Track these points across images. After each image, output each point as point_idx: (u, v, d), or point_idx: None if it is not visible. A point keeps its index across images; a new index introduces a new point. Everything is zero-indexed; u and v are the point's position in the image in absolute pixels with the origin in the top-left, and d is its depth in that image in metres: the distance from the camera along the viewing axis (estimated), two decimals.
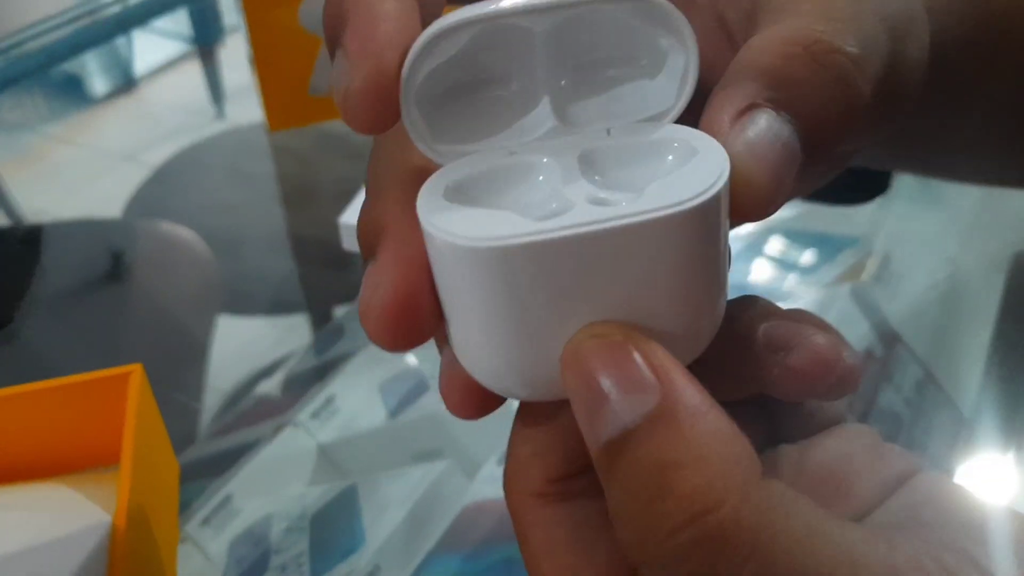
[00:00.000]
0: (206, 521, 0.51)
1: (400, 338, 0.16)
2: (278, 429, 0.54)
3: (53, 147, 1.58)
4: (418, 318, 0.16)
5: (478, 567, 0.38)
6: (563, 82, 0.18)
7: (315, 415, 0.55)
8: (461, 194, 0.17)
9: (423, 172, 0.17)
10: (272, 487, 0.53)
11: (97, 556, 0.20)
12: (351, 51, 0.16)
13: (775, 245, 0.46)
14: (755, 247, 0.46)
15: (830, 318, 0.39)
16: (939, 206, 0.49)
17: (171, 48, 1.65)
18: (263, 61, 0.62)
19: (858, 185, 0.37)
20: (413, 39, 0.16)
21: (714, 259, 0.16)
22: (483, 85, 0.18)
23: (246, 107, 1.52)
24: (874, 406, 0.37)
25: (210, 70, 1.43)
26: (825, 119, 0.17)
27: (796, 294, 0.42)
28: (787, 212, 0.44)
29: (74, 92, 1.63)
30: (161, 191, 0.86)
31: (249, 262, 0.83)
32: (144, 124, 1.62)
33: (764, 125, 0.16)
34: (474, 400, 0.18)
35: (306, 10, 0.59)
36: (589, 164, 0.17)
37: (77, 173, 1.54)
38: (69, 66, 1.30)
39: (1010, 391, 0.28)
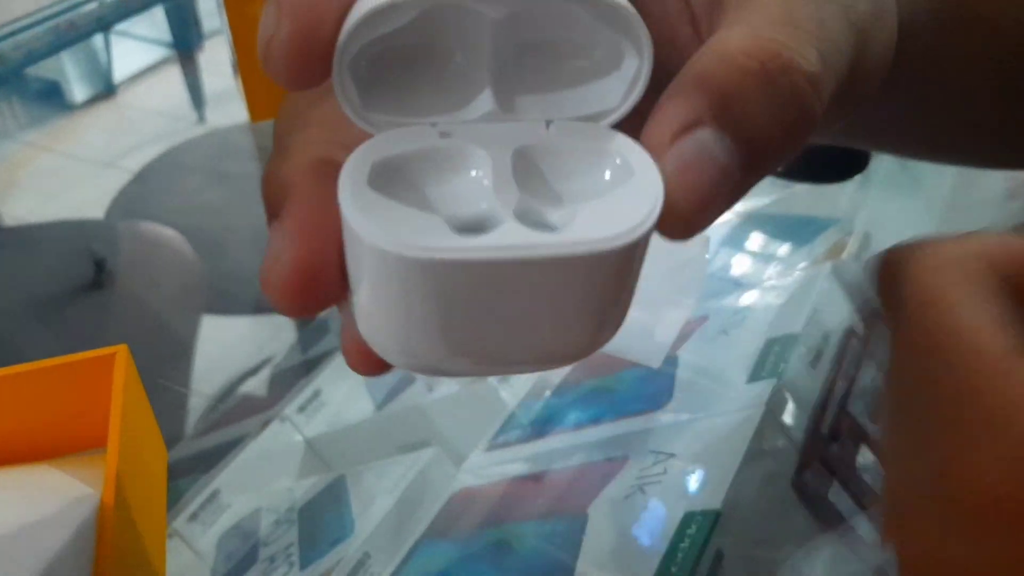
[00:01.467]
0: (194, 516, 0.51)
1: (302, 308, 0.16)
2: (265, 424, 0.54)
3: (33, 154, 1.57)
4: (321, 291, 0.16)
5: (467, 552, 0.38)
6: (509, 66, 0.17)
7: (302, 409, 0.55)
8: (387, 178, 0.16)
9: (334, 130, 0.17)
10: (260, 482, 0.53)
11: (85, 533, 0.20)
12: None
13: (756, 227, 0.46)
14: (737, 231, 0.47)
15: (812, 296, 0.39)
16: (917, 187, 0.49)
17: (150, 53, 1.64)
18: (244, 52, 0.62)
19: (837, 163, 0.37)
20: None
21: (632, 284, 0.16)
22: (423, 57, 0.17)
23: (227, 112, 1.52)
24: (856, 383, 0.38)
25: (190, 75, 1.42)
26: (770, 139, 0.16)
27: (778, 273, 0.43)
28: (767, 195, 0.44)
29: (53, 99, 1.62)
30: (143, 192, 0.86)
31: (232, 262, 0.83)
32: (124, 130, 1.61)
33: (702, 146, 0.16)
34: (373, 361, 0.17)
35: None
36: (524, 164, 0.16)
37: (57, 180, 1.53)
38: (48, 73, 1.29)
39: None
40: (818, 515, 0.34)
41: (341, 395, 0.56)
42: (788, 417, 0.35)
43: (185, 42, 1.45)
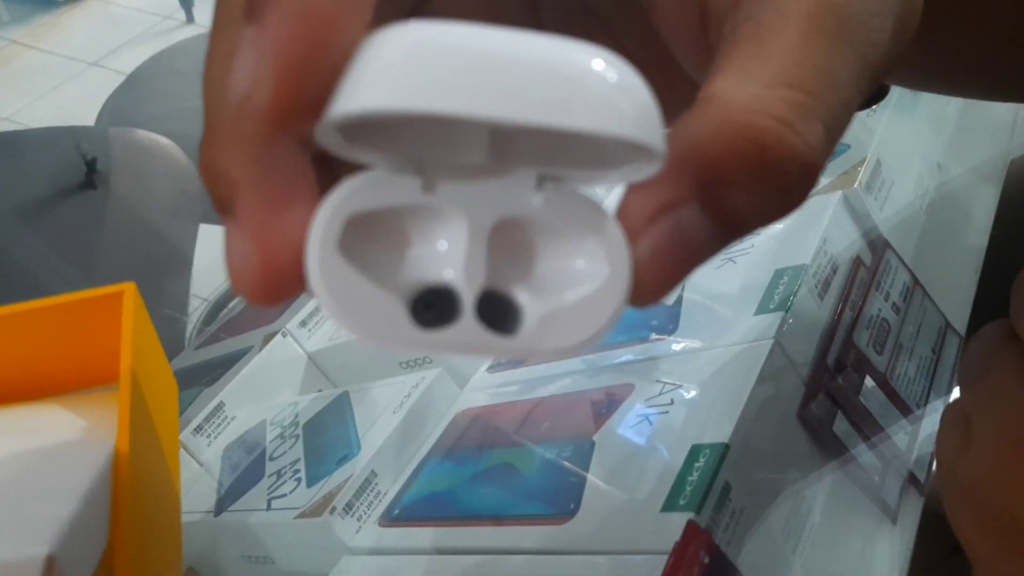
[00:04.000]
0: (199, 429, 0.51)
1: (271, 302, 0.15)
2: (267, 338, 0.55)
3: (17, 52, 1.53)
4: (287, 288, 0.15)
5: (472, 471, 0.38)
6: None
7: (304, 323, 0.55)
8: (362, 237, 0.15)
9: (276, 117, 0.15)
10: (263, 395, 0.53)
11: (102, 477, 0.20)
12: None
13: None
14: None
15: (822, 225, 0.39)
16: (928, 114, 0.49)
17: None
18: None
19: None
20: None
21: None
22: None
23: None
24: (862, 312, 0.38)
25: None
26: (753, 221, 0.16)
27: None
28: None
29: None
30: (134, 98, 0.84)
31: None
32: (110, 29, 1.57)
33: (681, 227, 0.15)
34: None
35: None
36: (503, 236, 0.16)
37: (42, 79, 1.50)
38: None
39: (995, 297, 0.29)
40: (823, 448, 0.35)
41: None
42: (794, 349, 0.35)
43: None
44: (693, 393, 0.34)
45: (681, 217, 0.15)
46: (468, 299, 0.15)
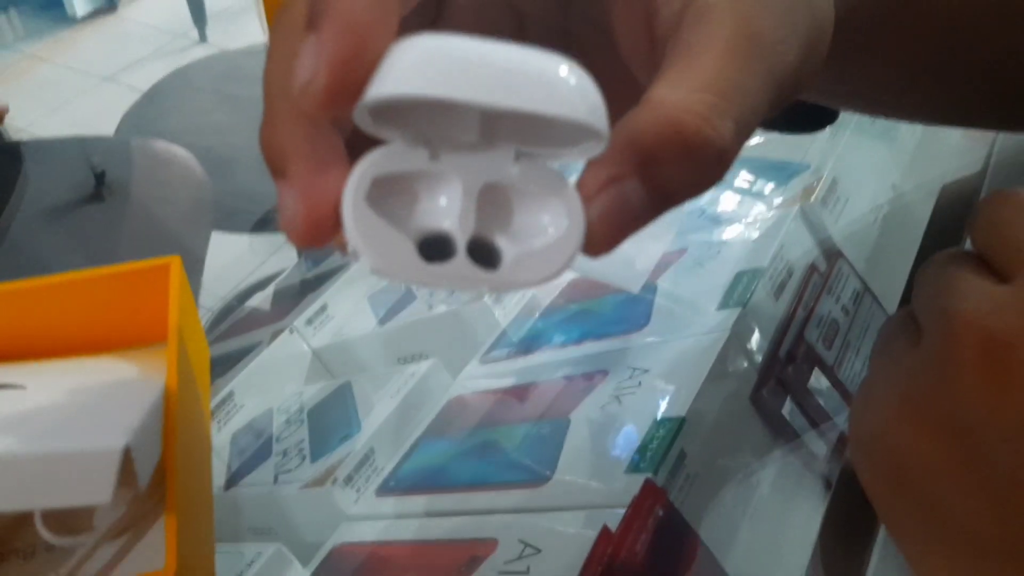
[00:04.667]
0: (210, 415, 0.55)
1: (314, 243, 0.20)
2: (276, 334, 0.59)
3: (32, 65, 1.58)
4: (327, 233, 0.20)
5: (460, 449, 0.42)
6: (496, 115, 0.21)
7: (310, 322, 0.59)
8: (382, 188, 0.20)
9: (328, 99, 0.19)
10: (271, 386, 0.58)
11: (156, 405, 0.25)
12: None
13: (734, 170, 0.50)
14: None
15: (780, 235, 0.44)
16: (886, 137, 0.53)
17: None
18: None
19: (808, 115, 0.41)
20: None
21: None
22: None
23: (227, 31, 1.53)
24: (814, 313, 0.42)
25: None
26: (679, 192, 0.20)
27: (751, 213, 0.47)
28: (748, 142, 0.48)
29: (54, 11, 1.62)
30: (153, 111, 0.89)
31: (238, 182, 0.86)
32: (124, 45, 1.62)
33: (623, 195, 0.20)
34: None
35: None
36: (489, 195, 0.21)
37: (57, 92, 1.54)
38: None
39: None
40: (773, 428, 0.39)
41: (346, 310, 0.60)
42: (751, 341, 0.40)
43: None
44: (658, 377, 0.38)
45: (624, 187, 0.20)
46: (461, 243, 0.20)
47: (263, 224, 0.87)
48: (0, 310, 0.29)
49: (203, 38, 1.47)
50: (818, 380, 0.42)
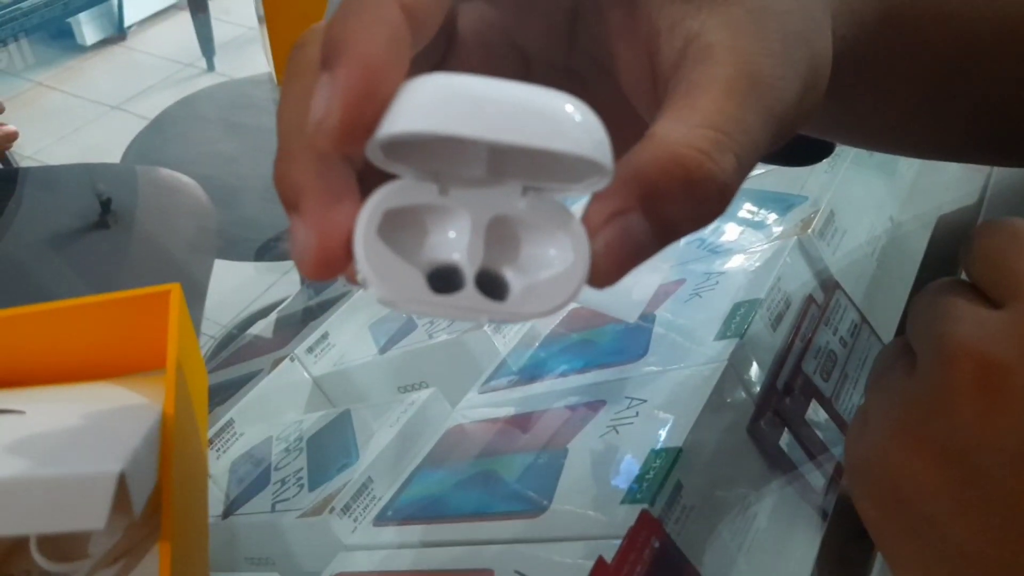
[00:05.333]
0: (209, 444, 0.56)
1: (325, 276, 0.20)
2: (277, 362, 0.59)
3: (42, 93, 1.59)
4: (339, 266, 0.20)
5: (458, 479, 0.42)
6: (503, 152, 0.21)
7: (310, 350, 0.60)
8: (394, 227, 0.20)
9: (341, 136, 0.20)
10: (271, 414, 0.58)
11: (153, 432, 0.25)
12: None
13: (736, 204, 0.51)
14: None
15: (778, 267, 0.44)
16: (884, 170, 0.54)
17: None
18: (273, 17, 0.66)
19: (805, 149, 0.41)
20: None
21: None
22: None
23: (234, 61, 1.54)
24: (811, 345, 0.42)
25: (200, 22, 1.44)
26: (681, 225, 0.21)
27: (749, 244, 0.47)
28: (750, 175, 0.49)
29: (64, 40, 1.64)
30: (160, 140, 0.89)
31: (242, 211, 0.87)
32: (133, 74, 1.64)
33: (628, 228, 0.20)
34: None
35: None
36: (497, 229, 0.21)
37: (65, 120, 1.56)
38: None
39: None
40: (769, 460, 0.39)
41: (347, 338, 0.60)
42: (748, 372, 0.40)
43: None
44: (656, 407, 0.38)
45: (628, 221, 0.20)
46: (469, 274, 0.20)
47: (265, 252, 0.87)
48: (0, 336, 0.30)
49: (211, 67, 1.48)
50: (815, 412, 0.42)
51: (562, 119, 0.19)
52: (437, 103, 0.19)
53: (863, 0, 0.28)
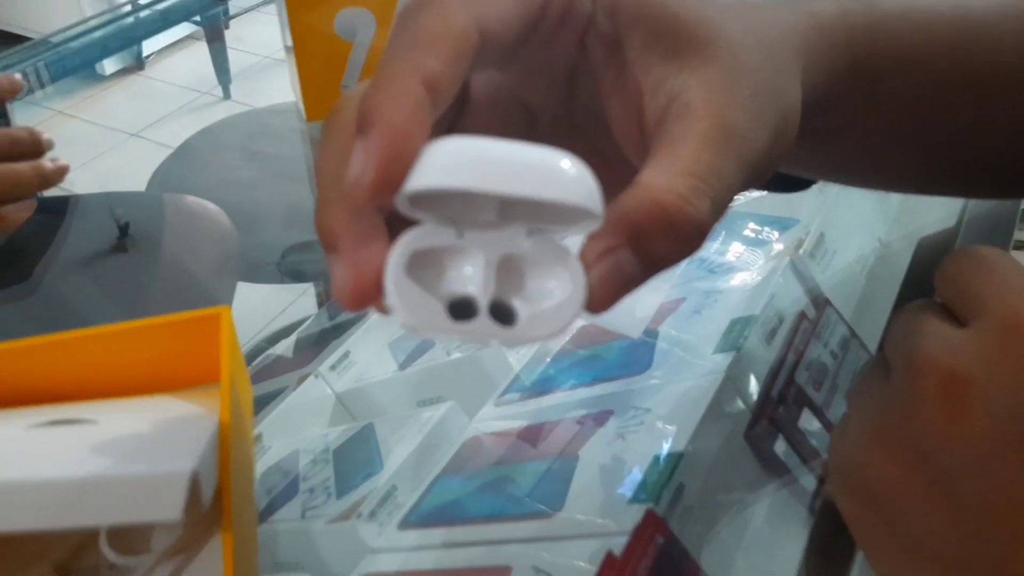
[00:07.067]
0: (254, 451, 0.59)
1: (359, 307, 0.24)
2: (301, 379, 0.62)
3: (61, 121, 1.63)
4: (371, 298, 0.24)
5: (476, 485, 0.46)
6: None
7: (333, 367, 0.63)
8: (418, 265, 0.24)
9: (374, 191, 0.23)
10: (297, 428, 0.61)
11: (212, 439, 0.28)
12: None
13: (729, 225, 0.54)
14: (726, 225, 0.55)
15: (772, 285, 0.47)
16: (872, 195, 0.57)
17: (179, 29, 1.69)
18: (304, 59, 0.70)
19: (792, 178, 0.45)
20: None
21: None
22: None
23: (251, 89, 1.58)
24: (804, 357, 0.46)
25: (217, 51, 1.48)
26: (664, 260, 0.24)
27: (745, 265, 0.50)
28: (740, 198, 0.52)
29: (84, 70, 1.68)
30: (182, 168, 0.93)
31: (264, 235, 0.90)
32: (151, 102, 1.68)
33: (618, 263, 0.24)
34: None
35: (340, 20, 0.68)
36: (506, 265, 0.24)
37: (84, 148, 1.60)
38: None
39: None
40: (765, 464, 0.42)
41: (368, 356, 0.64)
42: (745, 383, 0.43)
43: (213, 17, 1.51)
44: (659, 416, 0.42)
45: (618, 257, 0.24)
46: (483, 304, 0.24)
47: (287, 276, 0.90)
48: (69, 355, 0.33)
49: (227, 95, 1.52)
50: (808, 420, 0.45)
51: (559, 173, 0.23)
52: (454, 163, 0.23)
53: (834, 51, 0.31)
